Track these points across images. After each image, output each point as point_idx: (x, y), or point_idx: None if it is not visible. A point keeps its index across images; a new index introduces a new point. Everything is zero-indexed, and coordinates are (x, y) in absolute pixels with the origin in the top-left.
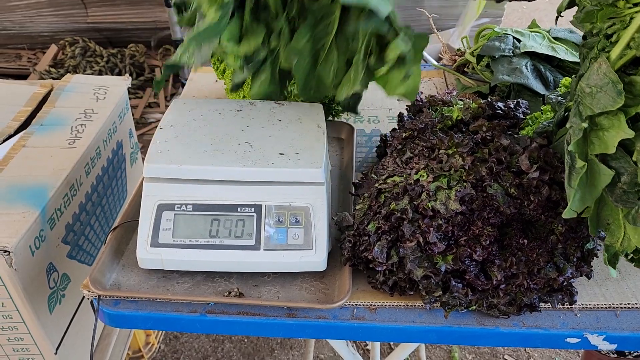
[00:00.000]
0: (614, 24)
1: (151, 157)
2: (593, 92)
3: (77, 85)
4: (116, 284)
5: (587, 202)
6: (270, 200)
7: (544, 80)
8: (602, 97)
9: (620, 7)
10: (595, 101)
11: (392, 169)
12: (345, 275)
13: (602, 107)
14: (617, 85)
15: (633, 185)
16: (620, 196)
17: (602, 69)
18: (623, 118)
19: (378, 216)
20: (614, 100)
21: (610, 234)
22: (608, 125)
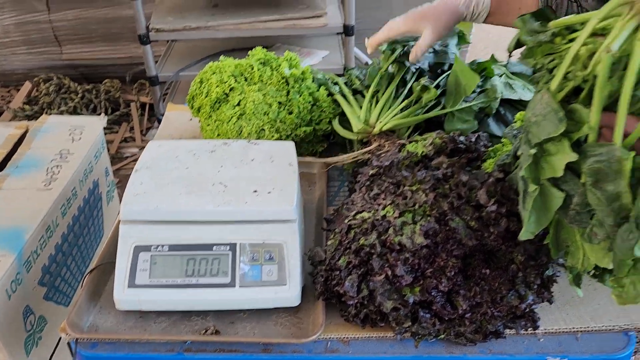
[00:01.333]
0: (554, 59)
1: (127, 200)
2: (538, 121)
3: (52, 126)
4: (94, 326)
5: (542, 223)
6: (245, 238)
7: (505, 121)
8: (546, 124)
9: (557, 43)
10: (541, 129)
11: (361, 204)
12: (318, 309)
13: (547, 133)
14: (559, 113)
15: (584, 205)
16: (574, 217)
17: (545, 99)
18: (567, 143)
19: (348, 251)
20: (557, 126)
21: (570, 255)
22: (554, 150)
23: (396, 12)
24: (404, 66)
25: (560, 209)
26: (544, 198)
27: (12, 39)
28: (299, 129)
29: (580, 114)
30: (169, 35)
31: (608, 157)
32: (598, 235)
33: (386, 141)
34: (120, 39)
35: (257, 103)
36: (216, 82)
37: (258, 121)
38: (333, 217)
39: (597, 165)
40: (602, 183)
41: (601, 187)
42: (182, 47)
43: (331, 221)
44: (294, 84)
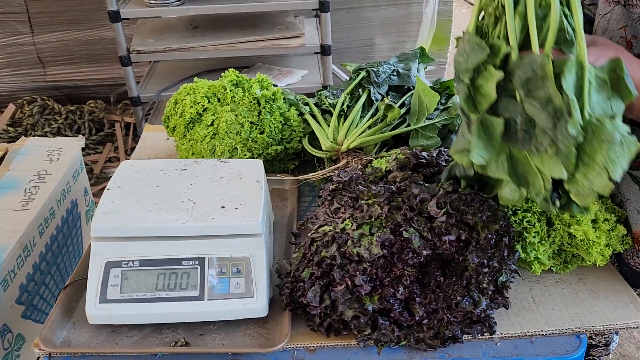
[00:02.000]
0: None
1: (98, 218)
2: (465, 57)
3: (30, 148)
4: (67, 341)
5: (489, 150)
6: (213, 252)
7: None
8: (473, 56)
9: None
10: (469, 61)
11: (324, 218)
12: (285, 319)
13: (474, 62)
14: (480, 44)
15: (528, 122)
16: (523, 138)
17: (466, 38)
18: (492, 68)
19: (311, 263)
20: (481, 53)
21: (532, 186)
22: (483, 81)
23: (374, 32)
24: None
25: (510, 140)
26: (486, 129)
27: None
28: (270, 147)
29: (498, 44)
30: (150, 56)
31: (532, 66)
32: (543, 142)
33: (354, 158)
34: (103, 60)
35: (229, 123)
36: (190, 103)
37: (231, 140)
38: (300, 231)
39: (525, 75)
40: (534, 91)
41: (533, 95)
42: (164, 68)
43: (297, 235)
44: (265, 104)
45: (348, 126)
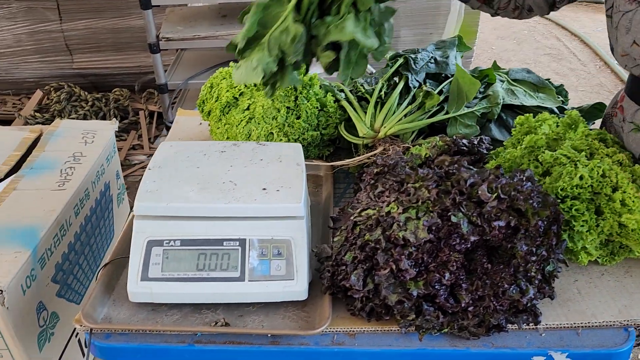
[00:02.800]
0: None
1: (141, 196)
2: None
3: (65, 130)
4: (107, 318)
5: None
6: (254, 234)
7: (506, 126)
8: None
9: None
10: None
11: (366, 202)
12: (325, 303)
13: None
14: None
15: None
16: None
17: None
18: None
19: (354, 247)
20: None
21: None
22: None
23: (401, 23)
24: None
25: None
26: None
27: (24, 47)
28: (306, 133)
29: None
30: (179, 44)
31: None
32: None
33: (390, 145)
34: (129, 48)
35: (266, 108)
36: (226, 87)
37: (267, 125)
38: (339, 216)
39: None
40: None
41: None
42: (191, 56)
43: (337, 220)
44: (302, 89)
45: (385, 113)
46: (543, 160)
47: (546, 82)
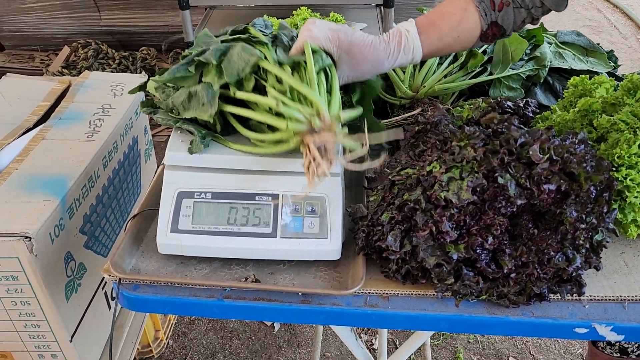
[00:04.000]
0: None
1: (173, 146)
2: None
3: (94, 82)
4: (136, 269)
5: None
6: (288, 189)
7: (553, 91)
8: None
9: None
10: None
11: (405, 161)
12: (358, 263)
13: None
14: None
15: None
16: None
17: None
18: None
19: (391, 207)
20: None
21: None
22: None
23: None
24: None
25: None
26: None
27: (52, 2)
28: None
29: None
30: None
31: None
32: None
33: (430, 106)
34: (157, 7)
35: None
36: None
37: None
38: (374, 176)
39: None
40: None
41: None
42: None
43: (372, 180)
44: None
45: (425, 72)
46: (598, 125)
47: (597, 45)
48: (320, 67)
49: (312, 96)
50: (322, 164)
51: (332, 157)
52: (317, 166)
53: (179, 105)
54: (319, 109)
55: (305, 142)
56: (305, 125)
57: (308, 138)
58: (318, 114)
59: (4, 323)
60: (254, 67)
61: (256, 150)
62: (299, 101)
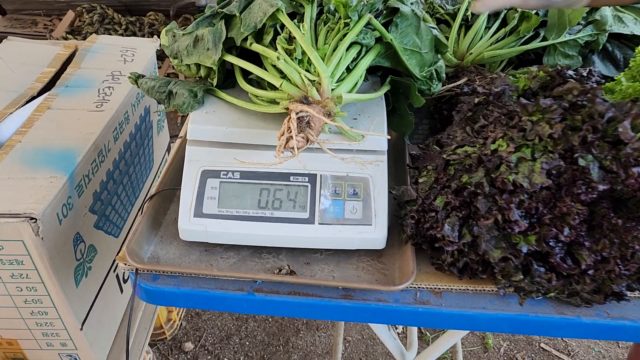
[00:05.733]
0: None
1: (196, 118)
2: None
3: (103, 46)
4: (154, 257)
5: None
6: (327, 169)
7: (613, 60)
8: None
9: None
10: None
11: (462, 138)
12: (407, 254)
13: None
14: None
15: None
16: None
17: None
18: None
19: (447, 190)
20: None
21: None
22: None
23: None
24: None
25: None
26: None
27: None
28: None
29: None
30: None
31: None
32: None
33: (476, 75)
34: None
35: None
36: None
37: None
38: (421, 154)
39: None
40: None
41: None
42: None
43: (417, 158)
44: None
45: (471, 37)
46: None
47: None
48: (358, 41)
49: (317, 63)
50: (293, 139)
51: (311, 135)
52: (287, 139)
53: (183, 50)
54: (321, 79)
55: (290, 109)
56: (299, 91)
57: (295, 105)
58: (318, 85)
59: (8, 310)
60: (273, 19)
61: (251, 107)
62: (307, 66)
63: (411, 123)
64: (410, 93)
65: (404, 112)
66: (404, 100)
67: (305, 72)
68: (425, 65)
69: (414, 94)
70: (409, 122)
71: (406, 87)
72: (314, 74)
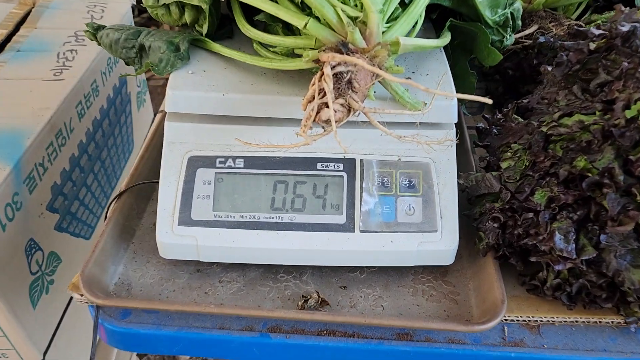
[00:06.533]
0: None
1: (179, 81)
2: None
3: (65, 1)
4: (124, 284)
5: None
6: (369, 152)
7: None
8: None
9: None
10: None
11: (567, 102)
12: (488, 273)
13: None
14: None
15: None
16: None
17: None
18: None
19: (551, 180)
20: None
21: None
22: None
23: None
24: None
25: None
26: None
27: None
28: None
29: None
30: None
31: None
32: None
33: (550, 22)
34: None
35: None
36: None
37: None
38: (491, 128)
39: None
40: None
41: None
42: None
43: (486, 132)
44: None
45: None
46: None
47: None
48: None
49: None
50: (330, 107)
51: (354, 101)
52: (318, 107)
53: None
54: (367, 15)
55: (322, 61)
56: (334, 35)
57: (330, 55)
58: (363, 25)
59: None
60: None
61: (259, 63)
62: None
63: (473, 86)
64: (477, 45)
65: (463, 72)
66: (464, 55)
67: (343, 6)
68: (498, 6)
69: (484, 46)
70: (469, 85)
71: (470, 37)
72: (356, 9)
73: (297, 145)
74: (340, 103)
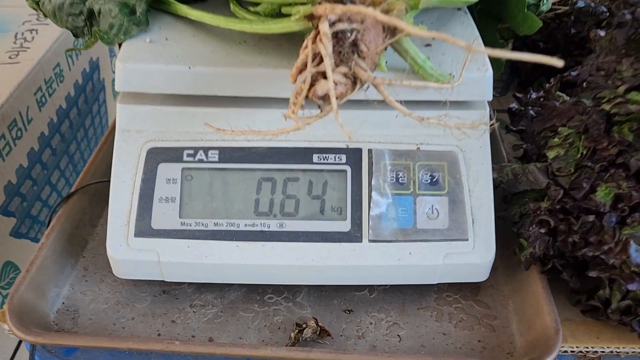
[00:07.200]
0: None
1: (133, 52)
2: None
3: None
4: (69, 310)
5: None
6: (380, 139)
7: None
8: None
9: None
10: None
11: (634, 72)
12: (534, 290)
13: None
14: None
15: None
16: None
17: None
18: None
19: (617, 172)
20: None
21: None
22: None
23: None
24: None
25: None
26: None
27: None
28: None
29: None
30: None
31: None
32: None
33: None
34: None
35: None
36: None
37: None
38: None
39: None
40: None
41: None
42: None
43: (521, 114)
44: None
45: None
46: None
47: None
48: None
49: None
50: (328, 77)
51: (361, 70)
52: (314, 78)
53: None
54: None
55: (317, 15)
56: None
57: (325, 7)
58: None
59: None
60: None
61: (236, 26)
62: None
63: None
64: (508, 10)
65: (491, 42)
66: (491, 22)
67: None
68: None
69: (518, 11)
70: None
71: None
72: None
73: (285, 130)
74: (343, 72)
